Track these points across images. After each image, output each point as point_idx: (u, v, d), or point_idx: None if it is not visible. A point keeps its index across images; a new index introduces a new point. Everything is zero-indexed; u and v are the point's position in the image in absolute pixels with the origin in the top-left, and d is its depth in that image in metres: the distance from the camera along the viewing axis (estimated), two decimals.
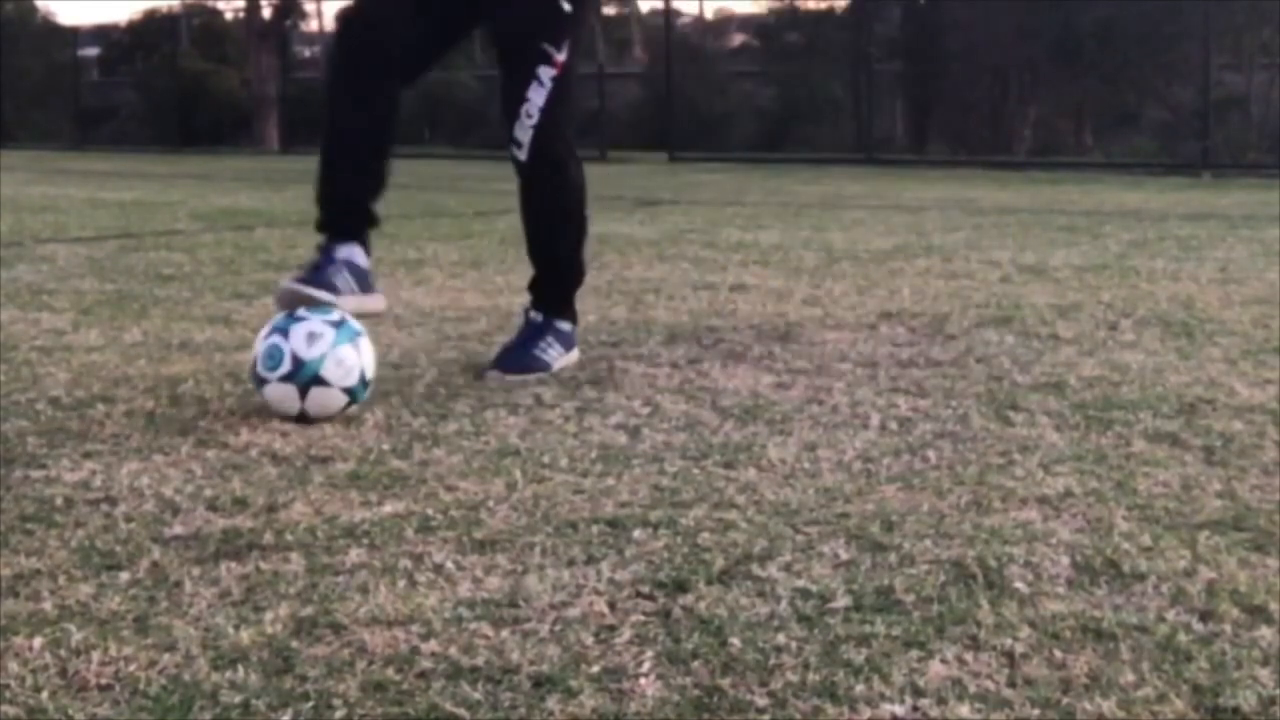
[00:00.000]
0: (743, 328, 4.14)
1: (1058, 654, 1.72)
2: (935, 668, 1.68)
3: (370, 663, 1.70)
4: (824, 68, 20.23)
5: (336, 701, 1.60)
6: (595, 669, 1.69)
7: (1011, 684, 1.64)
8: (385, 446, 2.73)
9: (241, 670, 1.68)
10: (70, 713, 1.58)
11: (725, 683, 1.65)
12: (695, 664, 1.70)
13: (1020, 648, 1.74)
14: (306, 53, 27.08)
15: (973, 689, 1.63)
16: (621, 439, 2.79)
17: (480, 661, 1.70)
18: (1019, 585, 1.95)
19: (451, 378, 3.38)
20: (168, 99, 23.72)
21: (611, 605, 1.88)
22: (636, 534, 2.18)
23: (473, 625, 1.82)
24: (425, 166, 14.59)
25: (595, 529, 2.21)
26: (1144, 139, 16.72)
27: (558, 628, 1.81)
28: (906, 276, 5.36)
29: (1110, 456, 2.64)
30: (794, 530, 2.20)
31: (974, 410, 3.02)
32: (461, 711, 1.58)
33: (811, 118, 19.39)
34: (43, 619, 1.84)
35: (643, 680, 1.66)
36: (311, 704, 1.60)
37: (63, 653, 1.73)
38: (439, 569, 2.03)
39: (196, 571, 2.02)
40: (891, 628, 1.79)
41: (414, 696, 1.62)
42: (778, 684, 1.64)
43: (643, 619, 1.84)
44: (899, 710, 1.58)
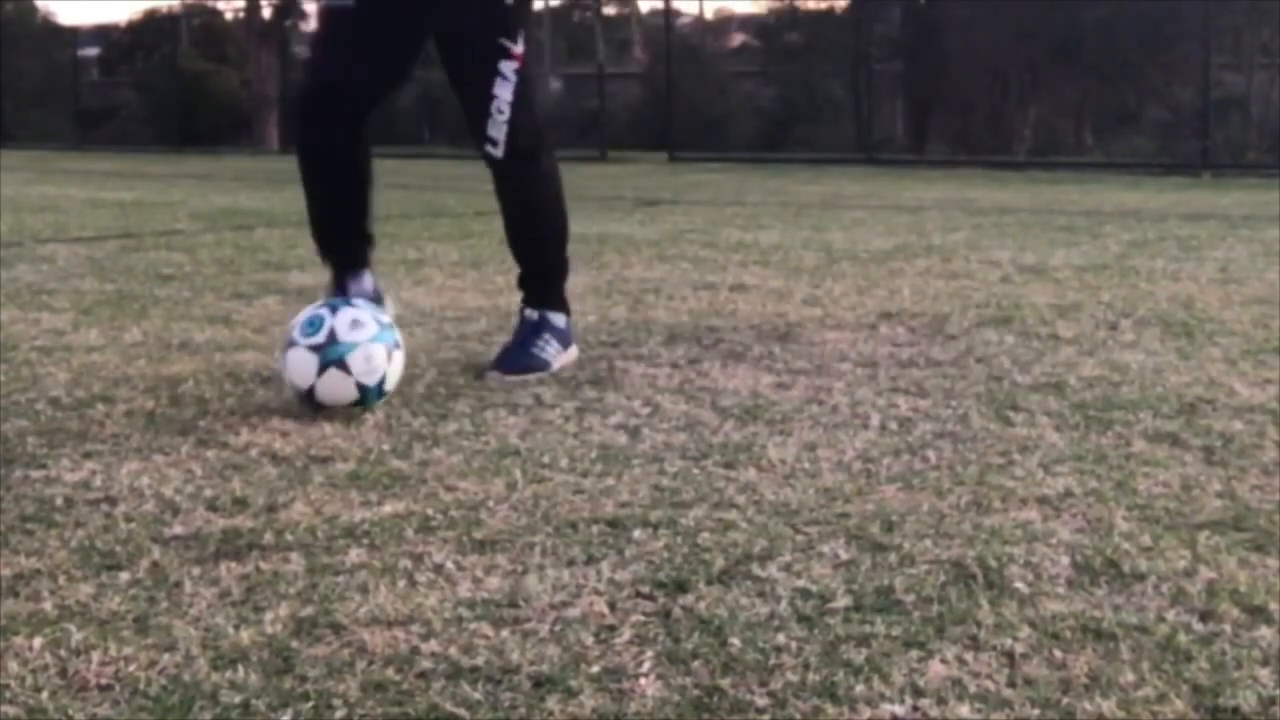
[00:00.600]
0: (743, 328, 4.14)
1: (1058, 654, 1.72)
2: (935, 668, 1.68)
3: (370, 663, 1.70)
4: (824, 68, 20.24)
5: (336, 701, 1.60)
6: (595, 669, 1.69)
7: (1011, 684, 1.64)
8: (385, 446, 2.73)
9: (241, 670, 1.68)
10: (70, 713, 1.58)
11: (725, 683, 1.65)
12: (695, 664, 1.70)
13: (1020, 648, 1.74)
14: (306, 53, 27.08)
15: (973, 689, 1.63)
16: (621, 439, 2.79)
17: (480, 661, 1.70)
18: (1019, 585, 1.95)
19: (451, 378, 3.38)
20: (168, 99, 23.72)
21: (611, 605, 1.88)
22: (636, 534, 2.18)
23: (473, 625, 1.82)
24: (425, 166, 14.60)
25: (595, 529, 2.21)
26: (1144, 139, 16.72)
27: (558, 628, 1.81)
28: (906, 276, 5.36)
29: (1110, 456, 2.64)
30: (794, 530, 2.20)
31: (974, 410, 3.02)
32: (461, 711, 1.58)
33: (811, 118, 19.40)
34: (43, 619, 1.84)
35: (643, 680, 1.66)
36: (311, 704, 1.60)
37: (63, 653, 1.73)
38: (439, 569, 2.03)
39: (196, 571, 2.02)
40: (891, 628, 1.79)
41: (414, 696, 1.62)
42: (778, 684, 1.64)
43: (643, 619, 1.84)
44: (899, 710, 1.58)
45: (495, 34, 3.37)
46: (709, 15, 26.42)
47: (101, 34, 29.36)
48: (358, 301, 3.18)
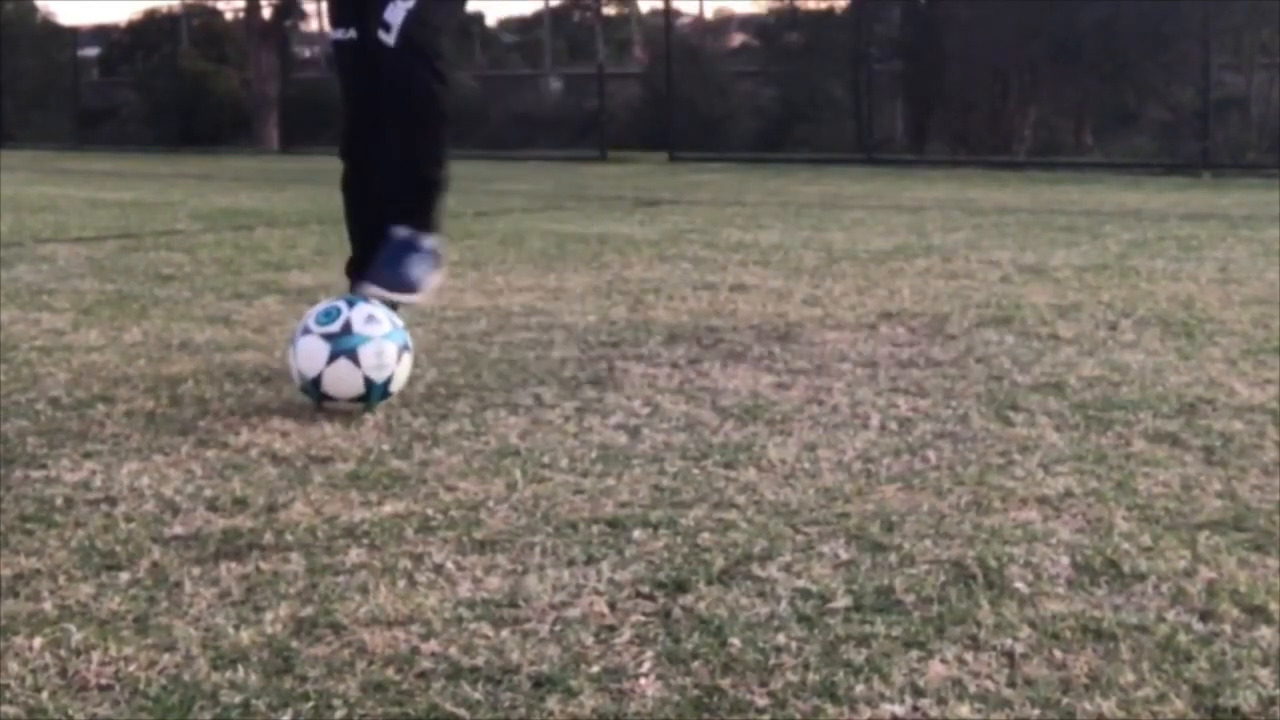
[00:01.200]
0: (743, 328, 4.14)
1: (1058, 654, 1.72)
2: (935, 668, 1.68)
3: (370, 663, 1.70)
4: (824, 68, 20.21)
5: (336, 701, 1.60)
6: (595, 669, 1.69)
7: (1011, 684, 1.64)
8: (385, 446, 2.73)
9: (241, 670, 1.68)
10: (70, 713, 1.58)
11: (725, 683, 1.65)
12: (695, 664, 1.70)
13: (1020, 648, 1.74)
14: (306, 53, 27.05)
15: (973, 689, 1.63)
16: (621, 439, 2.79)
17: (480, 661, 1.70)
18: (1019, 585, 1.95)
19: (451, 378, 3.38)
20: (168, 99, 23.70)
21: (611, 605, 1.88)
22: (636, 534, 2.18)
23: (473, 625, 1.82)
24: None
25: (595, 529, 2.21)
26: (1144, 139, 16.71)
27: (558, 628, 1.81)
28: (906, 276, 5.36)
29: (1110, 456, 2.64)
30: (794, 530, 2.20)
31: (974, 410, 3.02)
32: (461, 711, 1.58)
33: (811, 118, 19.37)
34: (43, 619, 1.84)
35: (643, 680, 1.66)
36: (311, 704, 1.60)
37: (63, 653, 1.73)
38: (439, 569, 2.03)
39: (196, 571, 2.02)
40: (891, 628, 1.80)
41: (414, 696, 1.62)
42: (778, 684, 1.64)
43: (643, 619, 1.84)
44: (899, 710, 1.58)
45: None
46: (709, 15, 26.46)
47: (101, 34, 29.35)
48: (373, 302, 3.18)
